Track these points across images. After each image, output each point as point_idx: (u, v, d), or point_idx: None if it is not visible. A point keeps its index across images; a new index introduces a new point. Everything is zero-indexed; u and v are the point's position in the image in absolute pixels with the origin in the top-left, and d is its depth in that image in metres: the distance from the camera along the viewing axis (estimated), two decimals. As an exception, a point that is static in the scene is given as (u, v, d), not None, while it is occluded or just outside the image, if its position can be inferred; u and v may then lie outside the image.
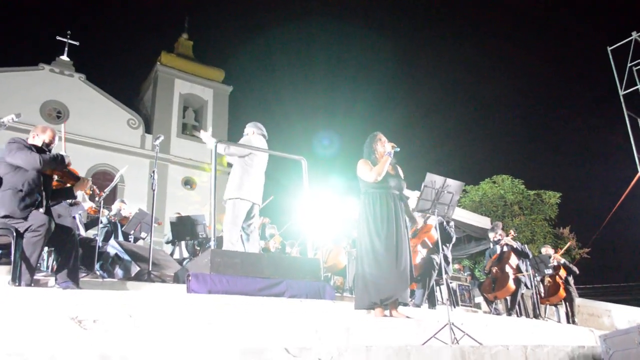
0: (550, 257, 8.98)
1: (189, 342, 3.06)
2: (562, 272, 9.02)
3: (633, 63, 12.83)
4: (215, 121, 27.18)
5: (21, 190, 4.01)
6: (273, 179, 6.11)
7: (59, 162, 4.25)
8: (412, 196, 5.53)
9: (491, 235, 8.70)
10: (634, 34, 12.77)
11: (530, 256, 8.37)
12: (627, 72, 12.89)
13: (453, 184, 5.13)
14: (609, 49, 13.20)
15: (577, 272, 9.42)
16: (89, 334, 2.81)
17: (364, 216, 4.68)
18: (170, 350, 2.71)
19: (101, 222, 7.64)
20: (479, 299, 9.97)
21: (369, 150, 4.89)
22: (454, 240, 7.02)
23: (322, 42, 53.67)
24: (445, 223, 6.69)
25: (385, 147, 4.81)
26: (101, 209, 7.35)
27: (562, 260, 9.25)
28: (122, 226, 8.24)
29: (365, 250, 4.55)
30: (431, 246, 6.52)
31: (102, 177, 22.81)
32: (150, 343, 2.92)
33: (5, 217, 3.92)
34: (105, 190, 6.83)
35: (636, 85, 12.70)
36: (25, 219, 3.92)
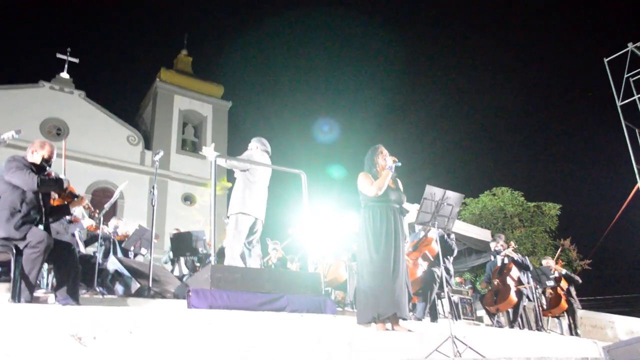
0: (551, 268, 8.94)
1: (189, 358, 3.04)
2: (564, 284, 8.98)
3: (630, 74, 12.88)
4: (214, 137, 27.22)
5: (19, 211, 3.99)
6: (273, 193, 6.10)
7: (57, 185, 4.24)
8: (412, 209, 5.51)
9: (493, 244, 8.66)
10: (630, 45, 12.83)
11: (531, 268, 8.36)
12: (624, 83, 12.94)
13: (453, 196, 5.13)
14: (605, 60, 13.26)
15: (580, 281, 9.35)
16: (89, 351, 2.79)
17: (363, 230, 4.64)
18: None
19: (100, 239, 7.63)
20: (481, 313, 9.92)
21: (370, 164, 4.85)
22: (455, 252, 7.00)
23: (323, 57, 54.09)
24: (446, 236, 6.66)
25: (386, 160, 4.77)
26: (101, 225, 7.36)
27: (563, 271, 9.20)
28: (120, 243, 8.22)
29: (364, 264, 4.52)
30: (432, 259, 6.47)
31: (102, 194, 22.83)
32: (150, 359, 2.89)
33: (3, 238, 3.90)
34: (105, 206, 6.82)
35: (633, 95, 12.73)
36: (24, 237, 3.90)
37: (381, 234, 4.51)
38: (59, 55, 25.48)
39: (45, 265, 5.64)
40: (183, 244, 8.67)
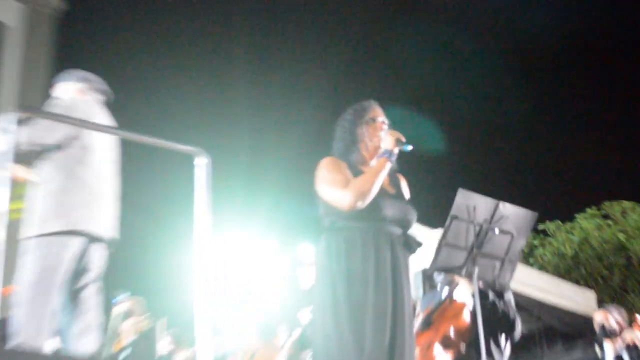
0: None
1: None
2: None
3: None
4: (26, 68, 18.84)
5: None
6: (138, 194, 4.29)
7: None
8: (429, 239, 4.34)
9: (598, 318, 6.95)
10: None
11: None
12: None
13: (513, 214, 4.11)
14: None
15: None
16: None
17: (328, 279, 3.46)
18: None
19: None
20: None
21: (349, 140, 3.61)
22: (517, 330, 5.16)
23: None
24: (494, 296, 5.03)
25: (381, 137, 3.57)
26: None
27: None
28: None
29: (326, 349, 3.35)
30: (462, 348, 4.96)
31: None
32: None
33: None
34: None
35: None
36: None
37: (366, 287, 3.36)
38: None
39: None
40: None
